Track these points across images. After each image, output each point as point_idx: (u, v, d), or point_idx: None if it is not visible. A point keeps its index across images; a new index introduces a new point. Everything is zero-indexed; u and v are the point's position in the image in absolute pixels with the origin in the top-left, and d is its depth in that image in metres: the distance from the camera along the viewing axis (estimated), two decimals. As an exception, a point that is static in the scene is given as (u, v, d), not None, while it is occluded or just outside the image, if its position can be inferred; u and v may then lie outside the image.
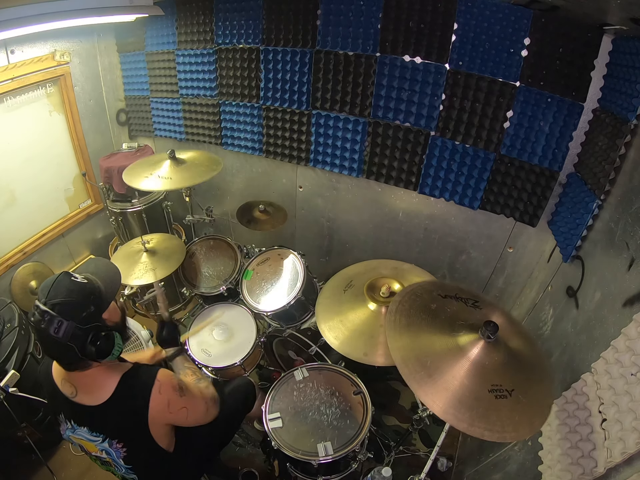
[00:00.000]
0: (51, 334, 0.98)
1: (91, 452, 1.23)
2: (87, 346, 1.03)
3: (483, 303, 1.36)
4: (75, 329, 1.00)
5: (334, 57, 2.08)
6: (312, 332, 2.02)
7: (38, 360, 2.07)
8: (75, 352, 1.02)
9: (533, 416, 1.07)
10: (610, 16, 1.33)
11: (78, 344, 1.02)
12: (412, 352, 1.19)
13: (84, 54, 2.63)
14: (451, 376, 1.12)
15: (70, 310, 1.01)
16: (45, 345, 1.06)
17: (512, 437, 1.03)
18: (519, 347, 1.23)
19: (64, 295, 1.02)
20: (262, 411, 1.62)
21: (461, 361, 1.14)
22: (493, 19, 1.67)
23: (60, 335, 0.99)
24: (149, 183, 2.14)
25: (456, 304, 1.35)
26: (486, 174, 1.97)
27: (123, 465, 1.21)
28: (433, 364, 1.15)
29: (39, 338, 1.05)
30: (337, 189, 2.51)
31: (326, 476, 1.57)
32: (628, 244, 1.23)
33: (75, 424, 1.17)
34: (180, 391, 1.19)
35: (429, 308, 1.33)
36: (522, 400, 1.07)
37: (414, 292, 1.42)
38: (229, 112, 2.60)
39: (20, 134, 2.37)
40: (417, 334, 1.25)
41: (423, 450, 2.13)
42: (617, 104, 1.43)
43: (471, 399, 1.07)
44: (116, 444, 1.16)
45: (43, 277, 2.59)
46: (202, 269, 2.37)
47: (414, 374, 1.13)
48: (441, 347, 1.20)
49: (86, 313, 1.03)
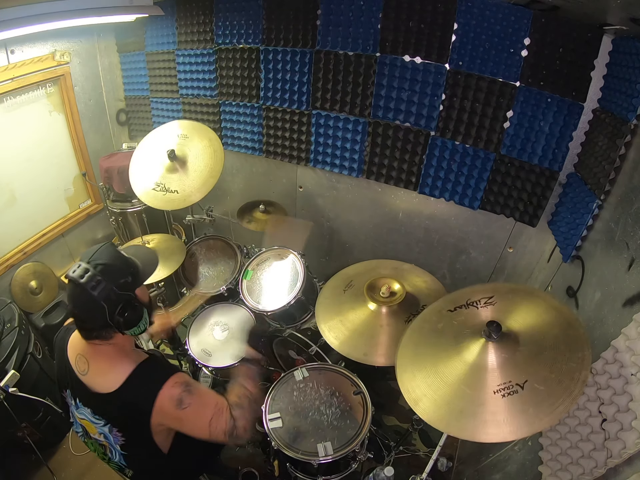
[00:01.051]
0: (88, 289, 1.02)
1: (91, 434, 1.24)
2: (117, 313, 1.07)
3: (498, 295, 1.31)
4: (111, 292, 1.05)
5: (334, 57, 2.08)
6: (312, 332, 2.02)
7: (38, 360, 2.07)
8: (105, 315, 1.06)
9: (555, 402, 1.00)
10: (610, 16, 1.33)
11: (110, 306, 1.06)
12: (426, 391, 1.17)
13: (84, 54, 2.63)
14: (463, 396, 1.10)
15: (110, 273, 1.06)
16: (76, 303, 1.08)
17: (524, 432, 1.00)
18: (538, 324, 1.18)
19: (108, 259, 1.08)
20: (262, 411, 1.62)
21: (470, 376, 1.13)
22: (493, 19, 1.67)
23: (96, 292, 1.03)
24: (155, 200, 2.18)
25: (466, 312, 1.32)
26: (486, 174, 1.97)
27: (119, 451, 1.22)
28: (443, 396, 1.13)
29: (73, 294, 1.07)
30: (337, 189, 2.51)
31: (326, 476, 1.57)
32: (628, 244, 1.23)
33: (80, 403, 1.20)
34: (178, 403, 1.13)
35: (436, 328, 1.33)
36: (539, 388, 1.03)
37: (423, 318, 1.42)
38: (229, 112, 2.60)
39: (20, 134, 2.37)
40: (423, 363, 1.24)
41: (423, 450, 2.13)
42: (617, 104, 1.43)
43: (479, 406, 1.06)
44: (116, 432, 1.17)
45: (43, 277, 2.59)
46: (202, 269, 2.37)
47: (436, 416, 1.11)
48: (448, 370, 1.18)
49: (124, 281, 1.09)
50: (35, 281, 2.54)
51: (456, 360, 1.18)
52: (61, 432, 2.23)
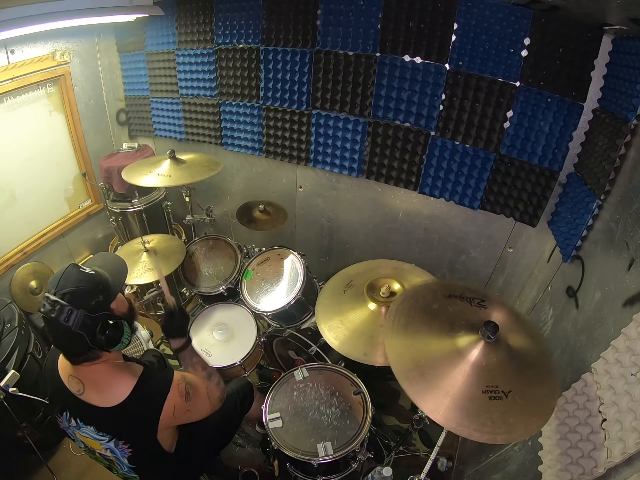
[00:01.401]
0: (61, 322, 0.99)
1: (95, 450, 1.23)
2: (97, 334, 1.04)
3: (489, 302, 1.33)
4: (85, 317, 1.02)
5: (334, 57, 2.08)
6: (312, 332, 2.02)
7: (38, 360, 2.07)
8: (85, 341, 1.03)
9: (529, 419, 1.05)
10: (610, 16, 1.33)
11: (88, 332, 1.03)
12: (407, 351, 1.19)
13: (84, 54, 2.63)
14: (446, 376, 1.11)
15: (79, 299, 1.03)
16: (55, 336, 1.05)
17: (503, 439, 1.02)
18: (524, 346, 1.22)
19: (73, 284, 1.04)
20: (262, 411, 1.62)
21: (457, 361, 1.14)
22: (493, 19, 1.67)
23: (70, 323, 1.00)
24: (148, 180, 2.15)
25: (460, 303, 1.33)
26: (486, 174, 1.97)
27: (127, 464, 1.21)
28: (427, 363, 1.15)
29: (49, 329, 1.04)
30: (337, 189, 2.51)
31: (326, 476, 1.57)
32: (628, 244, 1.23)
33: (81, 422, 1.17)
34: (186, 396, 1.17)
35: (430, 308, 1.32)
36: (519, 401, 1.06)
37: (417, 292, 1.41)
38: (229, 112, 2.60)
39: (20, 134, 2.37)
40: (415, 334, 1.25)
41: (423, 450, 2.13)
42: (617, 104, 1.43)
43: (464, 399, 1.07)
44: (122, 445, 1.16)
45: (43, 277, 2.59)
46: (202, 269, 2.37)
47: (406, 373, 1.13)
48: (438, 347, 1.19)
49: (95, 302, 1.05)
50: (35, 281, 2.54)
51: (449, 346, 1.19)
52: (61, 432, 2.22)
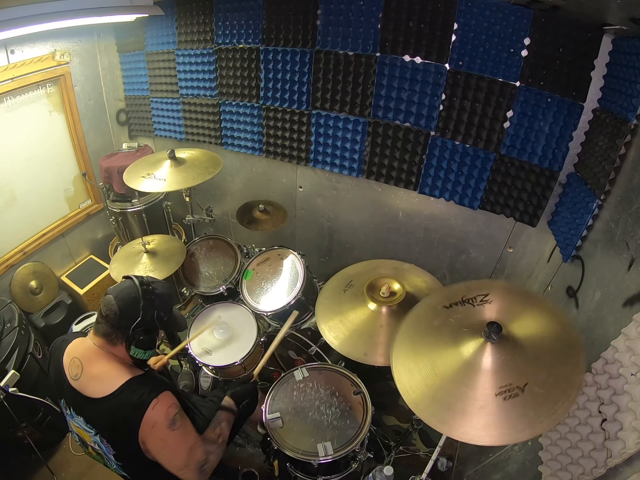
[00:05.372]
0: (140, 293, 1.22)
1: (87, 443, 1.25)
2: (140, 329, 1.21)
3: (492, 292, 1.30)
4: (151, 311, 1.24)
5: (334, 57, 2.08)
6: (312, 332, 2.02)
7: (38, 360, 2.07)
8: (132, 322, 1.19)
9: (552, 407, 1.00)
10: (610, 16, 1.33)
11: (142, 320, 1.21)
12: (420, 384, 1.18)
13: (84, 54, 2.63)
14: (464, 396, 1.08)
15: (160, 300, 1.28)
16: (122, 294, 1.21)
17: (525, 435, 1.00)
18: (537, 329, 1.17)
19: (163, 291, 1.32)
20: (262, 411, 1.62)
21: (469, 373, 1.11)
22: (493, 19, 1.67)
23: (143, 301, 1.21)
24: (147, 185, 2.14)
25: (462, 309, 1.30)
26: (486, 174, 1.97)
27: (114, 461, 1.23)
28: (442, 391, 1.12)
29: (125, 288, 1.24)
30: (337, 189, 2.51)
31: (326, 476, 1.57)
32: (628, 244, 1.23)
33: (73, 412, 1.21)
34: (171, 423, 1.15)
35: (432, 326, 1.31)
36: (538, 391, 1.03)
37: (418, 314, 1.40)
38: (229, 112, 2.60)
39: (20, 134, 2.37)
40: (422, 362, 1.23)
41: (423, 450, 2.13)
42: (617, 104, 1.43)
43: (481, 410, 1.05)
44: (106, 442, 1.18)
45: (43, 277, 2.59)
46: (202, 269, 2.37)
47: (432, 412, 1.11)
48: (446, 367, 1.16)
49: (163, 314, 1.29)
50: (35, 281, 2.54)
51: (455, 360, 1.17)
52: (61, 432, 2.23)
